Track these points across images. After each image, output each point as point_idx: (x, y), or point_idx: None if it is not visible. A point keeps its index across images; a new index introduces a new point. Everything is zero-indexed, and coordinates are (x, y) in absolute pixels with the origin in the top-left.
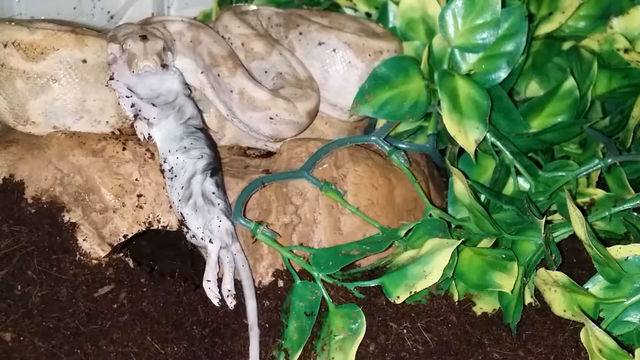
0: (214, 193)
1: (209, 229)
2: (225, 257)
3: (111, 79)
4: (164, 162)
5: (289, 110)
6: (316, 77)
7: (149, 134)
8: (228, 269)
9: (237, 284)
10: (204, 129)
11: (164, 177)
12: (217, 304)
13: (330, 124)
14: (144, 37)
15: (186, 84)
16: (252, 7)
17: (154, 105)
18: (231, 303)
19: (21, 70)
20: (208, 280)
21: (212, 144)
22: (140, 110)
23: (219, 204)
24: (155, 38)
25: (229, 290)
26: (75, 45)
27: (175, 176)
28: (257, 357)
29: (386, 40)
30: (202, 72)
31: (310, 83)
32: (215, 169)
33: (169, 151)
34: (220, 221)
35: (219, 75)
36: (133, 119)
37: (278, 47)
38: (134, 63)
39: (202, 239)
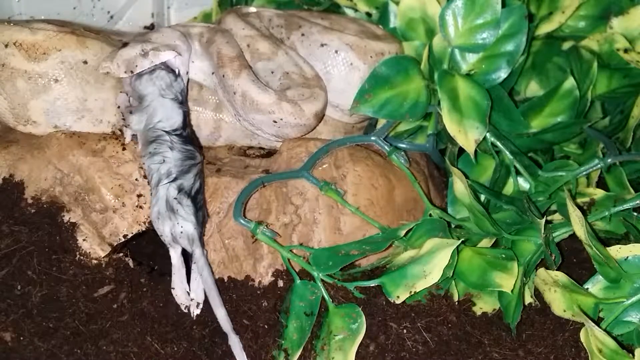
0: (175, 198)
1: (173, 236)
2: (193, 264)
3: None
4: (142, 168)
5: (295, 114)
6: None
7: (130, 139)
8: (194, 276)
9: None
10: (174, 132)
11: None
12: (184, 310)
13: (325, 122)
14: (124, 44)
15: (170, 85)
16: (252, 9)
17: (131, 112)
18: (193, 312)
19: (22, 70)
20: (173, 288)
21: (182, 146)
22: (124, 119)
23: (177, 210)
24: (135, 44)
25: (192, 299)
26: (76, 46)
27: (149, 182)
28: None
29: (387, 42)
30: (212, 73)
31: (317, 82)
32: (181, 172)
33: (142, 157)
34: (182, 227)
35: (223, 76)
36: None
37: (283, 47)
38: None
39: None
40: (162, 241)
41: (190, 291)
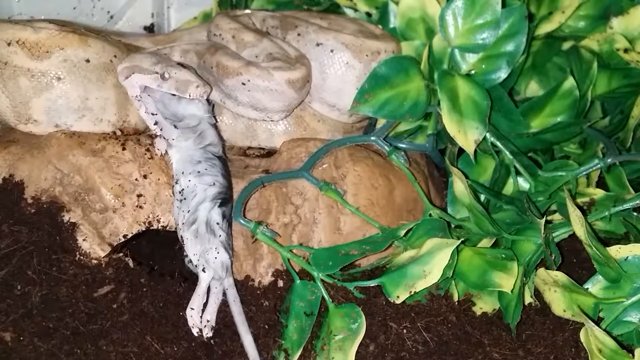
0: (218, 223)
1: (205, 259)
2: (214, 287)
3: (138, 100)
4: (176, 183)
5: (262, 76)
6: (314, 78)
7: (165, 152)
8: (213, 300)
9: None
10: (222, 158)
11: (173, 198)
12: (195, 334)
13: (323, 122)
14: (181, 64)
15: (212, 112)
16: (247, 11)
17: (175, 127)
18: (207, 334)
19: (25, 68)
20: (192, 308)
21: (227, 174)
22: (162, 130)
23: (220, 236)
24: (188, 66)
25: (208, 321)
26: (79, 44)
27: (185, 199)
28: None
29: (384, 40)
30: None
31: (300, 60)
32: (226, 199)
33: (183, 173)
34: (218, 253)
35: (204, 62)
36: (155, 135)
37: (268, 37)
38: (192, 88)
39: (196, 265)
40: (165, 241)
41: (207, 314)
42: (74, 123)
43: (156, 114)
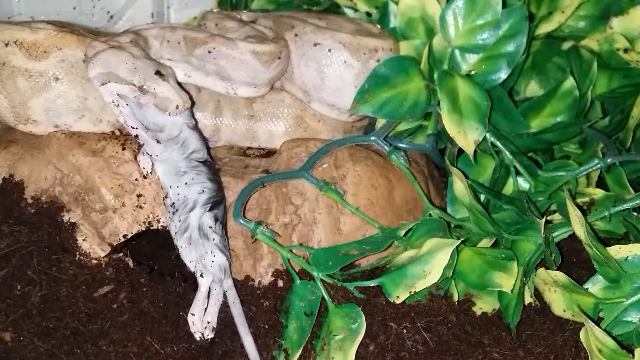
0: (210, 227)
1: (202, 264)
2: (214, 289)
3: (116, 106)
4: (166, 197)
5: (226, 44)
6: (313, 78)
7: (151, 168)
8: (214, 302)
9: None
10: (207, 161)
11: (166, 210)
12: (197, 339)
13: (323, 122)
14: (160, 74)
15: (192, 114)
16: (243, 12)
17: (158, 142)
18: (207, 335)
19: (23, 69)
20: (193, 314)
21: (214, 177)
22: (144, 145)
23: (214, 239)
24: (164, 68)
25: (209, 322)
26: (77, 45)
27: (177, 210)
28: None
29: (381, 38)
30: (170, 59)
31: (275, 39)
32: (217, 202)
33: (170, 187)
34: (214, 256)
35: (168, 41)
36: (137, 151)
37: (251, 24)
38: (172, 107)
39: (194, 272)
40: (165, 241)
41: (208, 315)
42: (73, 123)
43: (136, 128)
